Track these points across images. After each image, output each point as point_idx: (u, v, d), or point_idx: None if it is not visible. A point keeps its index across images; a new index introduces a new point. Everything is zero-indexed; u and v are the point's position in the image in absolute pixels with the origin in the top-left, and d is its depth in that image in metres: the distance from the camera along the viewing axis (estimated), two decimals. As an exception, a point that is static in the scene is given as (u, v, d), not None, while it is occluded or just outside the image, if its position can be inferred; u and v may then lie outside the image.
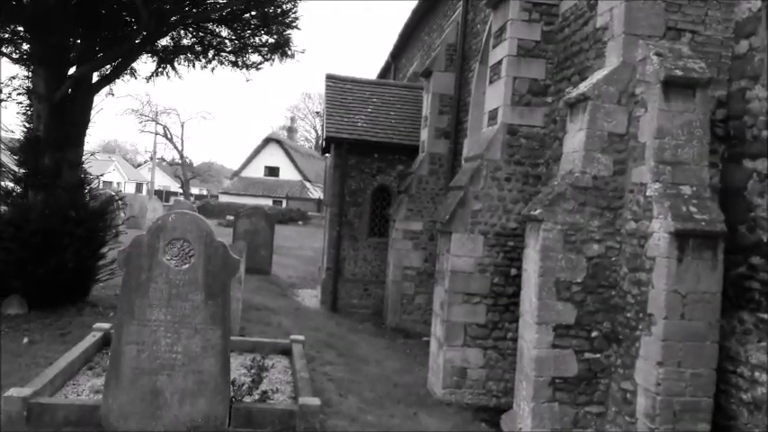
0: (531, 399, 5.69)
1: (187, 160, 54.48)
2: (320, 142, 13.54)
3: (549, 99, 7.05)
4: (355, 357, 8.31)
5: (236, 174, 55.95)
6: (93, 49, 8.96)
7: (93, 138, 19.68)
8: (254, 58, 10.85)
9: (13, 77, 8.96)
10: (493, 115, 7.29)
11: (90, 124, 9.24)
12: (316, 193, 52.46)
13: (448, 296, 6.97)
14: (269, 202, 49.59)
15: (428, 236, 11.22)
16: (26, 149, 8.56)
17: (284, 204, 48.89)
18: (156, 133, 52.33)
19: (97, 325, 6.88)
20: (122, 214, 10.45)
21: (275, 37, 9.63)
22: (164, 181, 69.16)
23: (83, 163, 9.11)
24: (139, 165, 76.46)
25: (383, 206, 12.65)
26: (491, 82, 7.53)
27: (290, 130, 61.86)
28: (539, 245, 5.65)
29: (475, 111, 10.24)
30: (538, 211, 5.64)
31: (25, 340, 6.99)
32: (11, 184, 8.67)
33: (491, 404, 7.04)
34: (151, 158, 55.78)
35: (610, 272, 5.69)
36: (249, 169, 55.08)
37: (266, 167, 54.65)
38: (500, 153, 7.03)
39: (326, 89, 13.16)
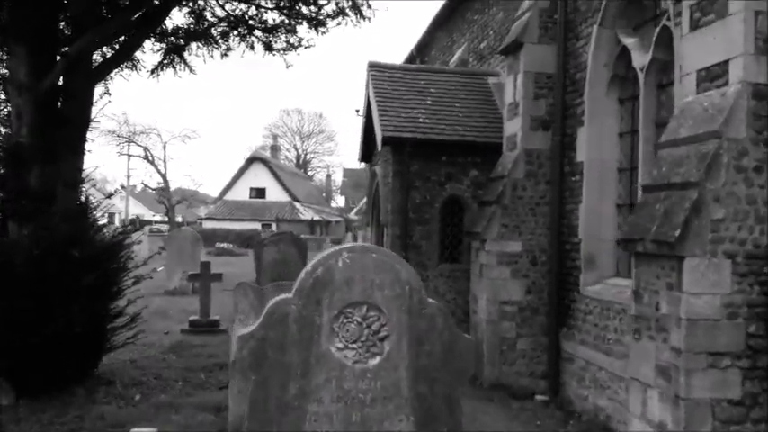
0: None
1: (165, 185, 51.05)
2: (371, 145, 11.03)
3: (807, 44, 4.67)
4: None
5: (220, 197, 53.03)
6: (93, 18, 6.38)
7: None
8: (298, 34, 8.40)
9: (-19, 62, 6.34)
10: (716, 74, 4.87)
11: (91, 125, 6.66)
12: (306, 214, 49.77)
13: (683, 359, 4.48)
14: (257, 225, 46.92)
15: (529, 259, 8.73)
16: (3, 163, 5.93)
17: (274, 228, 46.09)
18: (130, 156, 48.96)
19: (135, 431, 4.27)
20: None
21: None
22: (136, 209, 65.46)
23: (84, 180, 6.49)
24: (110, 194, 72.56)
25: (454, 222, 10.16)
26: (695, 27, 5.13)
27: (274, 149, 59.18)
28: None
29: (594, 90, 7.84)
30: None
31: (14, 465, 4.35)
32: (-18, 215, 6.05)
33: None
34: (123, 187, 52.15)
35: None
36: (233, 192, 52.33)
37: (252, 189, 52.05)
38: (744, 128, 4.62)
39: (372, 80, 10.69)
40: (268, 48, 8.69)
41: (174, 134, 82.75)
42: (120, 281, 6.45)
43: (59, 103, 6.38)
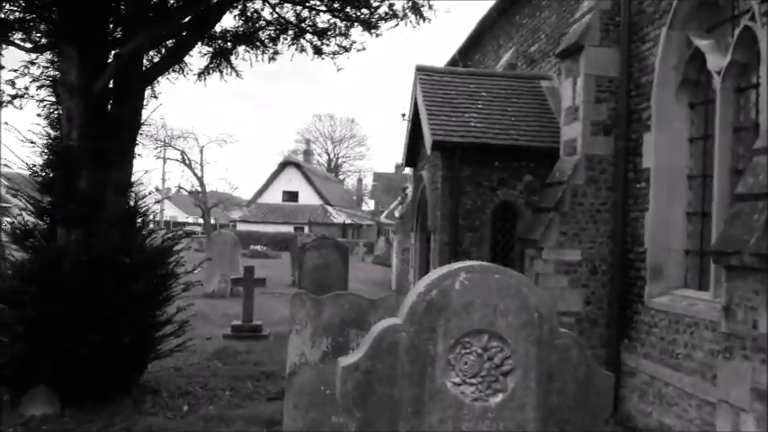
0: None
1: (201, 188, 51.42)
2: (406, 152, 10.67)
3: None
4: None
5: (253, 200, 53.29)
6: (145, 20, 6.19)
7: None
8: (350, 37, 8.13)
9: (32, 63, 6.18)
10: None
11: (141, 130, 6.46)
12: (338, 217, 49.70)
13: (789, 383, 4.07)
14: (290, 228, 47.14)
15: (589, 268, 8.31)
16: (53, 167, 5.76)
17: (306, 231, 46.14)
18: (166, 159, 49.44)
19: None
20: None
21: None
22: (170, 212, 66.17)
23: (133, 185, 6.30)
24: (145, 196, 73.45)
25: (506, 229, 9.78)
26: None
27: (307, 153, 59.53)
28: None
29: (662, 94, 7.42)
30: None
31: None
32: (31, 219, 5.87)
33: None
34: (157, 189, 52.69)
35: None
36: (266, 195, 52.61)
37: (284, 192, 52.29)
38: None
39: (420, 84, 10.37)
40: (318, 51, 8.45)
41: (211, 138, 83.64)
42: (169, 288, 6.25)
43: (110, 106, 6.21)
